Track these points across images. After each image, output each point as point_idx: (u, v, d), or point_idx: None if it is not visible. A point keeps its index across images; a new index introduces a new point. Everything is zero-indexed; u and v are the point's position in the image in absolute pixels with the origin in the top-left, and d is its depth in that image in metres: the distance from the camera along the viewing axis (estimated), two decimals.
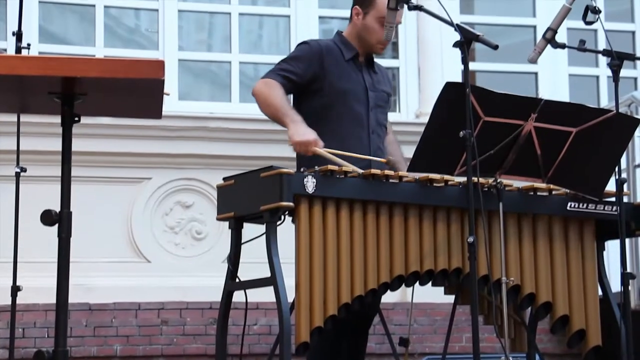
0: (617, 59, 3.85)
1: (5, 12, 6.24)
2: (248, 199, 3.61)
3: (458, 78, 3.78)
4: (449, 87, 3.50)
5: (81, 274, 5.45)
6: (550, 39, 3.86)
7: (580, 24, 3.90)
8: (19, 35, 4.26)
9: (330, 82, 4.01)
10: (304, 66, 4.00)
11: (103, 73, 2.60)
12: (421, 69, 6.82)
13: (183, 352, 6.00)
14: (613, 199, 3.93)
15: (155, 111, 2.89)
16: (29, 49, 4.28)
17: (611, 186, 3.88)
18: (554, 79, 7.00)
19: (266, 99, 3.93)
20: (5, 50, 5.91)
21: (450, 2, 6.58)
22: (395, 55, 6.89)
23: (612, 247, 4.13)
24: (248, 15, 6.88)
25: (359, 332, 4.06)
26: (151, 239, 6.23)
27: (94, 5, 6.50)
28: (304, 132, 3.79)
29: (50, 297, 2.93)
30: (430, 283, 3.78)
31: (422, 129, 3.61)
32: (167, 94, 2.85)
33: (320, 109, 3.98)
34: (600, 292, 4.00)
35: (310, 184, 3.49)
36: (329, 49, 4.06)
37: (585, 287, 3.92)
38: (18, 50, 4.23)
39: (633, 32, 7.35)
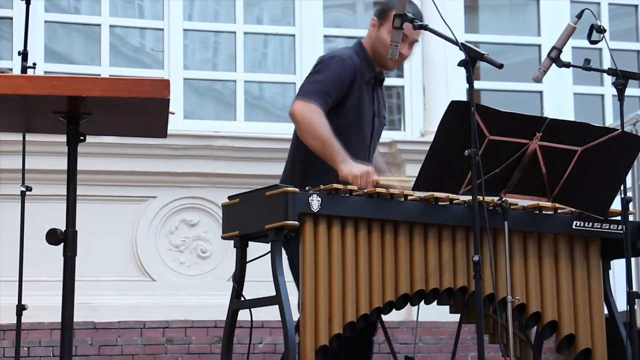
0: (622, 78, 3.85)
1: (11, 32, 6.27)
2: (253, 218, 3.60)
3: (463, 97, 3.80)
4: (454, 105, 3.50)
5: (86, 292, 5.45)
6: (555, 58, 3.86)
7: (585, 43, 3.90)
8: (24, 55, 4.28)
9: (352, 105, 3.95)
10: (339, 87, 3.91)
11: (108, 92, 2.61)
12: (426, 88, 6.83)
13: None
14: (619, 218, 3.92)
15: (160, 130, 2.90)
16: (34, 68, 4.29)
17: (617, 205, 3.88)
18: (559, 98, 7.00)
19: (314, 130, 3.83)
20: (11, 69, 5.93)
21: (455, 21, 6.60)
22: (400, 74, 6.90)
23: (617, 266, 4.12)
24: (253, 34, 6.90)
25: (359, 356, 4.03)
26: (156, 257, 6.23)
27: (99, 25, 6.53)
28: (358, 167, 3.76)
29: (55, 316, 2.93)
30: (435, 302, 3.77)
31: (427, 147, 3.61)
32: (173, 113, 2.86)
33: (337, 128, 3.93)
34: (606, 311, 3.99)
35: (315, 202, 3.49)
36: (360, 70, 3.97)
37: (591, 306, 3.91)
38: (24, 69, 4.24)
39: (638, 51, 7.36)
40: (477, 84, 6.76)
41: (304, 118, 3.86)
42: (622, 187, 3.84)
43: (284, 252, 3.61)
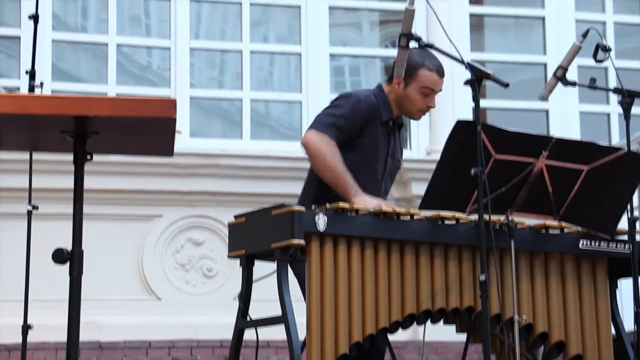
0: (627, 97, 3.85)
1: (18, 51, 6.29)
2: (259, 237, 3.60)
3: (469, 115, 3.80)
4: (460, 125, 3.50)
5: (92, 311, 5.44)
6: (560, 77, 3.86)
7: (591, 62, 3.91)
8: (32, 74, 4.29)
9: (363, 143, 3.96)
10: (351, 125, 3.93)
11: (115, 112, 2.61)
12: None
13: None
14: (625, 237, 3.91)
15: (166, 149, 2.90)
16: (42, 87, 4.31)
17: (623, 224, 3.87)
18: (565, 117, 7.00)
19: (327, 161, 3.85)
20: (19, 88, 5.95)
21: (460, 40, 6.61)
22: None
23: (625, 286, 4.11)
24: (259, 52, 6.92)
25: None
26: (162, 276, 6.22)
27: (106, 44, 6.55)
28: (370, 200, 3.77)
29: (61, 335, 2.93)
30: (441, 321, 3.76)
31: (433, 166, 3.61)
32: (179, 132, 2.86)
33: (345, 163, 3.94)
34: (613, 331, 3.97)
35: (321, 221, 3.49)
36: (375, 112, 3.99)
37: (598, 326, 3.89)
38: (31, 88, 4.25)
39: None
40: (483, 103, 6.76)
41: (317, 149, 3.88)
42: (628, 206, 3.83)
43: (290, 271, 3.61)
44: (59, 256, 2.73)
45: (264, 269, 3.71)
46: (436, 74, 4.02)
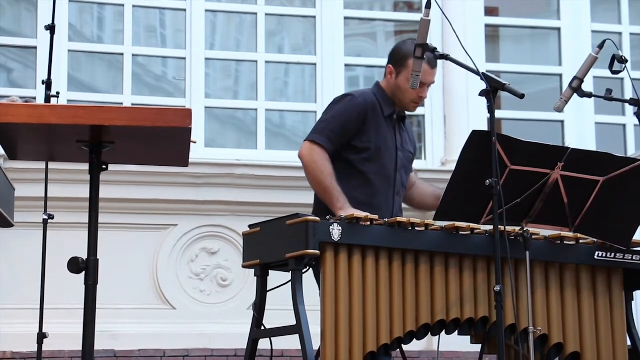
0: None
1: (35, 61, 6.33)
2: (274, 247, 3.61)
3: (484, 126, 3.80)
4: (475, 135, 3.50)
5: (107, 320, 5.45)
6: (576, 88, 3.86)
7: (607, 73, 3.90)
8: (48, 84, 4.32)
9: (368, 139, 3.99)
10: (346, 123, 3.97)
11: (131, 122, 2.62)
12: (447, 117, 6.83)
13: None
14: None
15: (182, 159, 2.91)
16: (58, 97, 4.33)
17: (639, 235, 3.85)
18: (581, 128, 6.98)
19: (316, 175, 3.90)
20: (35, 98, 5.98)
21: (476, 51, 6.60)
22: (421, 103, 6.90)
23: None
24: (274, 63, 6.93)
25: None
26: (177, 285, 6.23)
27: (122, 54, 6.58)
28: (355, 214, 3.79)
29: (76, 344, 2.94)
30: (456, 332, 3.75)
31: (448, 176, 3.61)
32: (194, 142, 2.87)
33: (355, 163, 3.97)
34: (629, 343, 3.95)
35: (336, 231, 3.49)
36: (373, 106, 4.02)
37: (614, 337, 3.88)
38: (47, 98, 4.28)
39: None
40: (498, 113, 6.75)
41: (309, 163, 3.93)
42: None
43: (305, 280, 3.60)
44: (74, 265, 2.74)
45: (278, 278, 3.71)
46: (427, 64, 3.98)
